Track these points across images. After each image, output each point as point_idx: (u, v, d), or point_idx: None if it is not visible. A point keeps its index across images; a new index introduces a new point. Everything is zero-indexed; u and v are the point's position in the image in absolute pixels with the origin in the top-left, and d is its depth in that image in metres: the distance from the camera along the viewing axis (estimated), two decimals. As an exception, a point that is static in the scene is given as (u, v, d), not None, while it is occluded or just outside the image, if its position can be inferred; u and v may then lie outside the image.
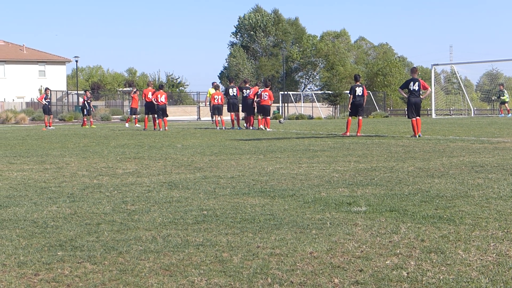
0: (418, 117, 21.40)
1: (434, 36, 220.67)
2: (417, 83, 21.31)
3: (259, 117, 30.24)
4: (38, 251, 5.77)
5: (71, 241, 6.16)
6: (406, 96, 22.13)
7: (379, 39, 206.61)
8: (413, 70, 22.42)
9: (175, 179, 10.71)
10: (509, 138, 19.45)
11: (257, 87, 31.57)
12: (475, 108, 59.59)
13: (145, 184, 10.08)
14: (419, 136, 21.00)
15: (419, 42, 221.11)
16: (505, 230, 6.35)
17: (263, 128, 28.94)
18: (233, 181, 10.34)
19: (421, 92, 21.43)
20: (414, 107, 21.35)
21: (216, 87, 33.37)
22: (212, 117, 40.35)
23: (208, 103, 37.23)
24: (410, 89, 21.35)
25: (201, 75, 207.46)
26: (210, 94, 37.79)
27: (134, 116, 38.40)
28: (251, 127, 30.68)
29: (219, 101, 31.88)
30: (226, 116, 32.94)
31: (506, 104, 46.15)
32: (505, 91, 46.11)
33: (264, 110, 29.52)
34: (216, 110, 31.99)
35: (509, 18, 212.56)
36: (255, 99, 30.11)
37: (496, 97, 51.32)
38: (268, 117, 29.41)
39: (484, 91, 73.33)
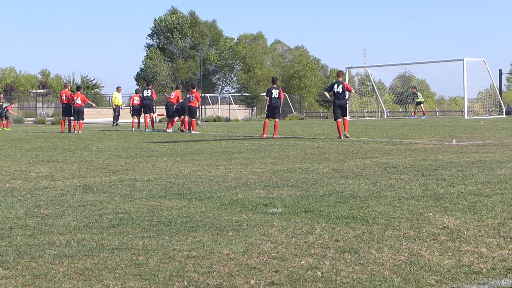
0: (345, 118, 21.86)
1: (348, 39, 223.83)
2: (341, 85, 21.84)
3: (186, 119, 30.01)
4: None
5: (-19, 246, 6.00)
6: (331, 98, 22.70)
7: (295, 42, 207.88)
8: (338, 73, 23.30)
9: (90, 182, 10.57)
10: (421, 140, 19.95)
11: (178, 91, 31.53)
12: (388, 110, 60.82)
13: (59, 188, 9.91)
14: (345, 136, 21.41)
15: (334, 45, 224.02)
16: (417, 230, 6.51)
17: (189, 131, 28.67)
18: (149, 184, 10.28)
19: (345, 94, 21.95)
20: (339, 109, 21.81)
21: (137, 91, 33.75)
22: (114, 120, 40.27)
23: (114, 106, 38.61)
24: (334, 91, 21.87)
25: (117, 77, 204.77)
26: (115, 97, 38.65)
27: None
28: (169, 130, 30.55)
29: (138, 102, 31.90)
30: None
31: (422, 105, 47.27)
32: (418, 93, 47.29)
33: (190, 112, 29.31)
34: (135, 111, 32.02)
35: (422, 22, 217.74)
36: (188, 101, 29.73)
37: (411, 100, 52.54)
38: (194, 119, 29.17)
39: (397, 93, 74.80)
